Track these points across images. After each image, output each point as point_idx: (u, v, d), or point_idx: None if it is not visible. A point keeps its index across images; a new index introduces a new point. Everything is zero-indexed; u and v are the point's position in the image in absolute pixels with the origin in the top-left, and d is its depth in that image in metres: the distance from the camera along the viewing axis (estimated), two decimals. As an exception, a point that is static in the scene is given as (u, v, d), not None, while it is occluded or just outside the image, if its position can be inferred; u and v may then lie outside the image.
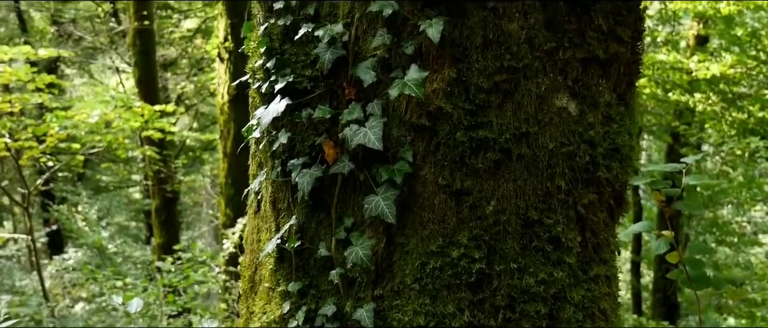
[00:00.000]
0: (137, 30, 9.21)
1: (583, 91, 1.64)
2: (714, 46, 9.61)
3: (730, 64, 8.39)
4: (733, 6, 7.67)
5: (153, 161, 8.80)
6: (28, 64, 8.65)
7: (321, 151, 1.66)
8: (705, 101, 8.99)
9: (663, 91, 9.29)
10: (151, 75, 9.56)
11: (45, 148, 7.95)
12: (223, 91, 7.69)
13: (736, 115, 9.03)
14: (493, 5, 1.54)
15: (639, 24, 1.73)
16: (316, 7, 1.64)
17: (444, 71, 1.57)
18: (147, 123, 8.17)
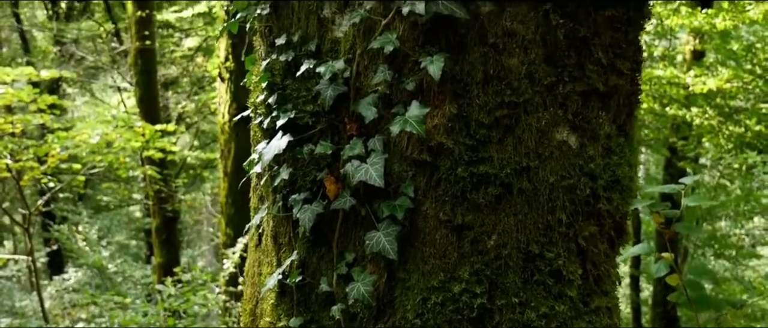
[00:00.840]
0: (139, 50, 9.26)
1: (583, 124, 1.65)
2: (710, 60, 9.65)
3: (727, 78, 8.43)
4: (728, 21, 7.70)
5: (154, 181, 8.80)
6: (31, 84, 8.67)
7: (322, 187, 1.67)
8: (702, 115, 9.02)
9: (660, 106, 9.32)
10: (152, 94, 9.59)
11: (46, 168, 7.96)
12: (223, 111, 7.71)
13: (733, 129, 9.05)
14: (494, 41, 1.56)
15: (637, 55, 1.75)
16: (317, 44, 1.66)
17: (445, 107, 1.58)
18: (148, 143, 8.19)
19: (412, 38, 1.57)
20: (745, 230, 11.12)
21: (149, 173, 8.57)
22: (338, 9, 1.63)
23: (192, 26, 11.91)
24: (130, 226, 13.00)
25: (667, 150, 10.14)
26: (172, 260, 9.21)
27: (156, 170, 8.60)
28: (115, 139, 8.00)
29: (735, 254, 10.24)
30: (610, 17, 1.63)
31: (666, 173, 10.57)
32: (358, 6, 1.59)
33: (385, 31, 1.56)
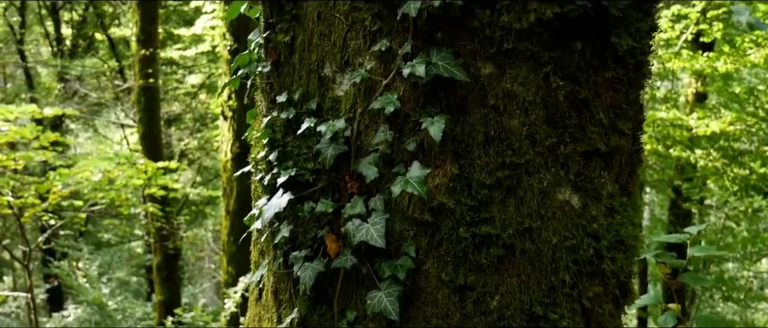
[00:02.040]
0: (142, 87, 9.33)
1: (585, 185, 1.64)
2: (713, 102, 9.68)
3: (730, 121, 8.44)
4: (730, 65, 7.74)
5: (155, 218, 8.79)
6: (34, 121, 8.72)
7: (323, 244, 1.65)
8: (706, 157, 9.02)
9: (664, 147, 9.32)
10: (154, 131, 9.64)
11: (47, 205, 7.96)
12: (226, 149, 7.73)
13: (738, 171, 9.04)
14: (494, 102, 1.56)
15: (638, 115, 1.74)
16: (318, 102, 1.66)
17: (446, 167, 1.57)
18: (150, 180, 8.20)
19: (412, 99, 1.57)
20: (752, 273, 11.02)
21: (151, 211, 8.56)
22: (339, 68, 1.63)
23: (195, 63, 12.03)
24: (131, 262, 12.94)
25: (672, 191, 10.11)
26: (173, 297, 9.14)
27: (158, 207, 8.60)
28: (117, 177, 8.01)
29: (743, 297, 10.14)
30: (611, 78, 1.63)
31: (671, 214, 10.52)
32: (359, 66, 1.60)
33: (386, 92, 1.56)
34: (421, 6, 1.49)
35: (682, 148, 9.07)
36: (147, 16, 9.14)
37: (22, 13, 11.97)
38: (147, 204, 8.63)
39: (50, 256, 11.42)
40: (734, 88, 9.21)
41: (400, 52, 1.54)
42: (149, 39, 9.22)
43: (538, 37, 1.54)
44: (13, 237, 10.48)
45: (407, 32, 1.55)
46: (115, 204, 8.49)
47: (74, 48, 12.25)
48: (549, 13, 1.52)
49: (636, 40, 1.65)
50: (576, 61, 1.59)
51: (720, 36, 8.42)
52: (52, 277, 11.02)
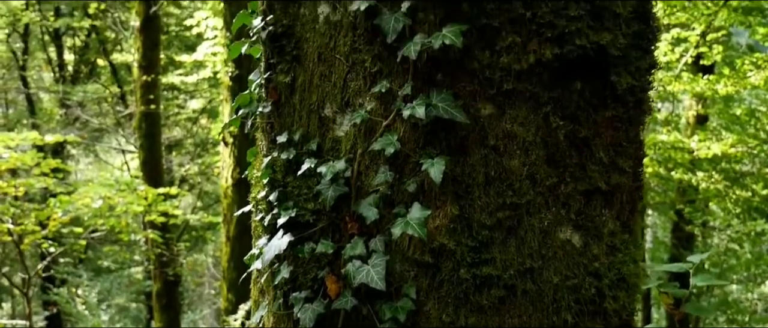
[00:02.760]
0: (143, 113, 9.37)
1: (586, 223, 1.63)
2: (714, 125, 9.70)
3: (731, 143, 8.44)
4: (730, 87, 7.76)
5: (155, 245, 8.77)
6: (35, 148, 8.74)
7: (323, 286, 1.64)
8: (708, 180, 9.01)
9: (665, 170, 9.31)
10: (155, 157, 9.65)
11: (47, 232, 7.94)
12: (226, 175, 7.73)
13: (740, 193, 9.02)
14: (494, 143, 1.56)
15: (639, 152, 1.74)
16: (318, 142, 1.66)
17: (446, 208, 1.57)
18: (150, 207, 8.19)
19: (412, 140, 1.57)
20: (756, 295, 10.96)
21: (151, 237, 8.54)
22: (339, 109, 1.63)
23: (197, 88, 12.09)
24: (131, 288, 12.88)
25: (675, 214, 10.09)
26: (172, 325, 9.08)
27: (158, 233, 8.58)
28: (118, 203, 8.00)
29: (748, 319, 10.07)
30: (611, 117, 1.63)
31: (674, 237, 10.49)
32: (359, 107, 1.60)
33: (386, 133, 1.56)
34: (420, 48, 1.49)
35: (683, 171, 9.06)
36: (149, 42, 9.20)
37: (26, 40, 12.06)
38: (147, 230, 8.62)
39: (49, 283, 11.37)
40: (735, 110, 9.23)
41: (400, 94, 1.55)
42: (151, 65, 9.27)
43: (537, 77, 1.55)
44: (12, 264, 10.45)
45: (407, 74, 1.55)
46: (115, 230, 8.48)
47: (76, 74, 12.31)
48: (548, 54, 1.52)
49: (635, 79, 1.65)
50: (576, 100, 1.59)
51: (720, 59, 8.46)
52: (52, 304, 10.97)
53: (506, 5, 1.51)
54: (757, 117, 8.87)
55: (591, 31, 1.55)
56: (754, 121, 8.86)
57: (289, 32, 1.68)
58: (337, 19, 1.61)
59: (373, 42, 1.57)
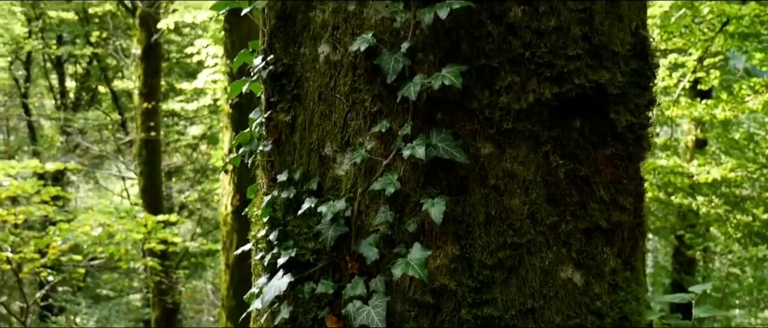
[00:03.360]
0: (144, 141, 9.38)
1: (587, 262, 1.63)
2: (713, 149, 9.71)
3: (731, 168, 8.44)
4: (728, 112, 7.78)
5: (154, 272, 8.72)
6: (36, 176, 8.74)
7: (324, 326, 1.63)
8: (708, 204, 8.99)
9: (665, 194, 9.30)
10: (155, 184, 9.64)
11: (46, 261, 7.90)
12: (226, 203, 7.71)
13: (741, 217, 9.00)
14: (495, 182, 1.56)
15: (639, 188, 1.74)
16: (318, 182, 1.66)
17: (447, 248, 1.56)
18: (149, 234, 8.16)
19: (413, 179, 1.57)
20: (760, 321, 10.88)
21: (150, 265, 8.50)
22: (339, 148, 1.63)
23: (197, 115, 12.12)
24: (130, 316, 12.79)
25: (675, 238, 10.06)
26: (171, 353, 9.00)
27: (157, 261, 8.54)
28: (117, 231, 7.97)
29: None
30: (611, 154, 1.63)
31: (675, 261, 10.44)
32: (359, 146, 1.60)
33: (386, 172, 1.56)
34: (420, 89, 1.50)
35: (683, 196, 9.05)
36: (150, 69, 9.24)
37: (28, 67, 12.13)
38: (146, 258, 8.58)
39: (48, 311, 11.30)
40: (734, 134, 9.24)
41: (400, 133, 1.55)
42: (152, 92, 9.30)
43: (537, 116, 1.55)
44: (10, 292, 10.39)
45: (407, 113, 1.55)
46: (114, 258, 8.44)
47: (78, 101, 12.36)
48: (547, 93, 1.53)
49: (635, 116, 1.65)
50: (575, 138, 1.59)
51: (717, 83, 8.49)
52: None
53: (505, 45, 1.52)
54: (756, 141, 8.88)
55: (590, 70, 1.56)
56: (753, 146, 8.86)
57: (290, 71, 1.69)
58: (337, 59, 1.62)
59: (373, 82, 1.58)
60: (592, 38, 1.56)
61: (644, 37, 1.68)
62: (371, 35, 1.55)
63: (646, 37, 1.69)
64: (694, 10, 6.58)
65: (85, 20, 11.50)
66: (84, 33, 11.38)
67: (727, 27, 6.97)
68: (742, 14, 6.37)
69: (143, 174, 9.54)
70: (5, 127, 12.57)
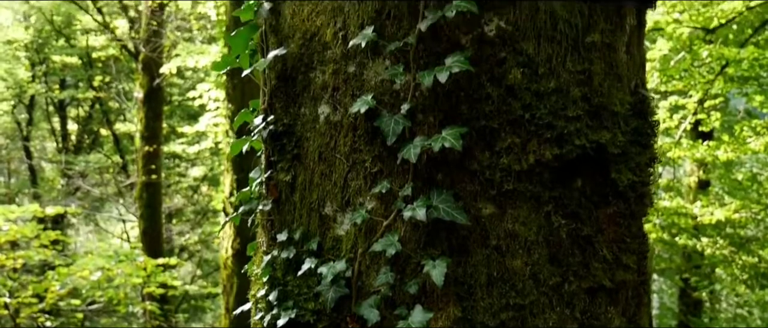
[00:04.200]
0: (144, 183, 9.39)
1: (591, 322, 1.60)
2: (716, 190, 9.69)
3: (735, 209, 8.41)
4: (730, 153, 7.78)
5: (153, 316, 8.63)
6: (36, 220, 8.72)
7: (324, 389, 1.60)
8: (713, 245, 8.94)
9: (670, 235, 9.25)
10: (156, 227, 9.61)
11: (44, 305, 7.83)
12: (227, 246, 7.67)
13: (747, 259, 8.93)
14: (496, 243, 1.54)
15: (643, 246, 1.72)
16: (319, 242, 1.64)
17: (449, 309, 1.54)
18: (149, 278, 8.10)
19: (414, 240, 1.55)
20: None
21: (149, 309, 8.42)
22: (340, 208, 1.62)
23: (198, 156, 12.15)
24: (128, 360, 12.62)
25: (681, 280, 9.97)
26: (169, 399, 8.84)
27: (156, 305, 8.46)
28: (116, 275, 7.92)
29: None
30: (613, 214, 1.62)
31: (681, 303, 10.33)
32: (360, 206, 1.59)
33: (387, 233, 1.55)
34: (420, 151, 1.49)
35: (688, 237, 9.00)
36: (152, 113, 9.30)
37: (31, 111, 12.21)
38: (145, 302, 8.50)
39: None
40: (737, 175, 9.23)
41: (401, 194, 1.54)
42: (153, 136, 9.34)
43: (538, 177, 1.54)
44: (8, 337, 10.26)
45: (407, 174, 1.55)
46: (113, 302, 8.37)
47: (79, 144, 12.41)
48: (548, 154, 1.52)
49: (636, 174, 1.65)
50: (577, 198, 1.58)
51: (718, 125, 8.52)
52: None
53: (505, 107, 1.52)
54: (759, 182, 8.86)
55: (590, 130, 1.56)
56: (757, 186, 8.85)
57: (290, 131, 1.69)
58: (338, 120, 1.62)
59: (373, 142, 1.57)
60: (592, 99, 1.56)
61: (644, 95, 1.69)
62: (371, 97, 1.55)
63: (646, 95, 1.70)
64: (693, 53, 6.64)
65: (88, 64, 11.62)
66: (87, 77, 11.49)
67: (727, 69, 7.03)
68: (740, 58, 6.43)
69: (144, 217, 9.52)
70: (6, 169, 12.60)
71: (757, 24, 7.45)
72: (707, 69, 6.92)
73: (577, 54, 1.57)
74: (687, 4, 7.11)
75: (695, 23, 6.81)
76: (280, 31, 1.73)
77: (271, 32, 1.76)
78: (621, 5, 1.66)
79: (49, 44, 11.74)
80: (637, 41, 1.73)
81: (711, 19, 6.83)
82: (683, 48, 6.99)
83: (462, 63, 1.47)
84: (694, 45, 6.79)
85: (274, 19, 1.75)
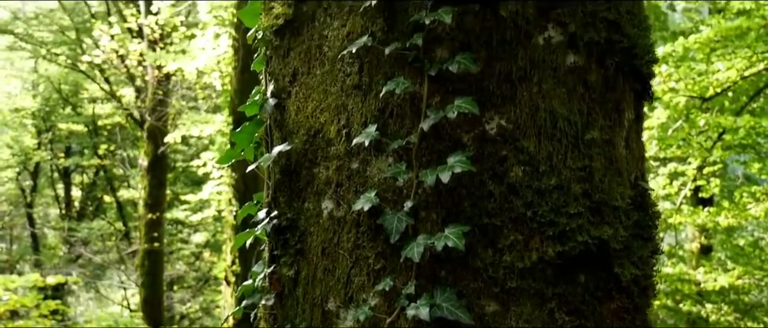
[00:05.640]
0: (146, 251, 9.35)
1: None
2: (719, 255, 9.63)
3: (738, 275, 8.35)
4: (731, 219, 7.78)
5: (152, 388, 8.46)
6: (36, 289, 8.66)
7: None
8: (717, 312, 8.83)
9: (674, 302, 9.15)
10: (156, 295, 9.52)
11: (41, 379, 7.70)
12: (228, 315, 7.59)
13: (751, 325, 8.81)
14: (501, 341, 1.53)
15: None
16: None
17: None
18: (149, 349, 7.98)
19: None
20: None
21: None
22: (343, 303, 1.62)
23: (201, 222, 12.13)
24: None
25: (686, 349, 9.79)
26: None
27: (156, 376, 8.30)
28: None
29: None
30: (616, 309, 1.61)
31: (687, 372, 10.10)
32: (363, 302, 1.59)
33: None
34: (423, 249, 1.50)
35: (692, 303, 8.90)
36: (155, 181, 9.35)
37: (35, 177, 12.27)
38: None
39: None
40: (738, 240, 9.19)
41: (404, 292, 1.54)
42: (157, 203, 9.36)
43: (541, 274, 1.55)
44: None
45: (411, 271, 1.55)
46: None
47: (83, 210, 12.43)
48: (551, 252, 1.53)
49: (639, 268, 1.65)
50: (580, 294, 1.58)
51: (718, 191, 8.54)
52: None
53: (507, 205, 1.54)
54: (761, 248, 8.82)
55: (592, 226, 1.57)
56: (758, 252, 8.80)
57: (294, 226, 1.71)
58: (341, 216, 1.64)
59: (377, 239, 1.59)
60: (593, 195, 1.58)
61: (644, 188, 1.71)
62: (374, 194, 1.58)
63: (646, 188, 1.72)
64: (691, 122, 6.71)
65: (94, 132, 11.75)
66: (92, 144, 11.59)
67: (724, 137, 7.10)
68: (737, 126, 6.50)
69: (145, 285, 9.45)
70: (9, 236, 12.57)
71: (752, 92, 7.56)
72: (705, 137, 6.99)
73: (577, 151, 1.60)
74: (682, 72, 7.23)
75: (691, 92, 6.91)
76: (285, 127, 1.77)
77: (276, 127, 1.79)
78: (619, 101, 1.71)
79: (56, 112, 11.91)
80: (636, 135, 1.77)
81: (707, 88, 6.93)
82: (680, 116, 7.08)
83: (464, 164, 1.49)
84: (691, 113, 6.88)
85: (278, 115, 1.79)
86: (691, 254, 9.83)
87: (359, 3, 1.66)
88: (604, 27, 1.66)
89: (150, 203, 9.25)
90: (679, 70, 7.07)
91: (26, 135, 11.19)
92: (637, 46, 1.72)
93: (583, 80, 1.64)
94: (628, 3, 1.73)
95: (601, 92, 1.65)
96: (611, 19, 1.67)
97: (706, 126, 6.75)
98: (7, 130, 11.68)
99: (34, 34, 11.94)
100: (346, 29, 1.69)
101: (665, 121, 7.11)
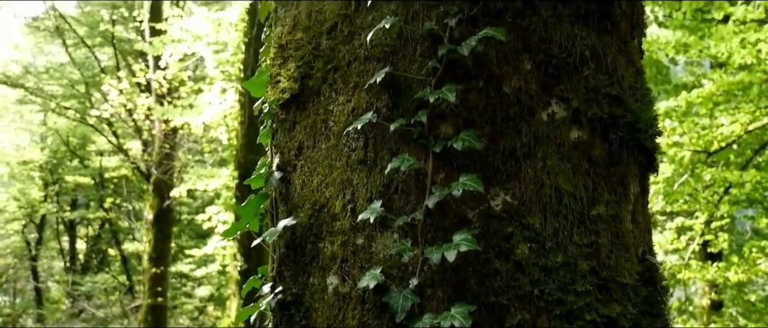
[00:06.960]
0: (150, 306, 9.27)
1: None
2: (730, 311, 9.47)
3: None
4: (741, 274, 7.68)
5: None
6: (37, 345, 8.55)
7: None
8: (732, 369, 8.63)
9: (687, 359, 8.96)
10: (159, 351, 9.39)
11: None
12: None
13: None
14: None
15: None
16: None
17: None
18: None
19: None
20: None
21: None
22: (348, 382, 1.59)
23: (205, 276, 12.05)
24: None
25: None
26: None
27: None
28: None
29: None
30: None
31: None
32: (369, 382, 1.56)
33: None
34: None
35: (705, 360, 8.71)
36: (160, 235, 9.33)
37: (41, 230, 12.28)
38: None
39: None
40: (749, 295, 9.06)
41: (410, 372, 1.52)
42: (161, 257, 9.32)
43: (548, 353, 1.52)
44: None
45: (416, 350, 1.53)
46: None
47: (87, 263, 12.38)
48: (558, 331, 1.51)
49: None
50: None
51: (727, 245, 8.46)
52: None
53: (513, 283, 1.53)
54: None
55: (600, 304, 1.55)
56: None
57: (299, 301, 1.69)
58: (346, 292, 1.63)
59: (382, 317, 1.57)
60: (600, 272, 1.56)
61: (652, 263, 1.69)
62: (380, 271, 1.56)
63: (654, 262, 1.70)
64: (696, 177, 6.70)
65: (100, 185, 11.81)
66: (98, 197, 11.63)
67: (731, 191, 7.07)
68: (743, 181, 6.47)
69: (148, 341, 9.33)
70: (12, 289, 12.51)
71: (756, 146, 7.56)
72: (711, 192, 6.96)
73: (583, 227, 1.59)
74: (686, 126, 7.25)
75: (696, 146, 6.92)
76: (290, 200, 1.77)
77: (281, 201, 1.80)
78: (624, 175, 1.70)
79: (64, 164, 11.99)
80: (642, 208, 1.76)
81: (711, 142, 6.94)
82: (686, 170, 7.07)
83: (469, 242, 1.49)
84: (697, 168, 6.87)
85: (284, 188, 1.79)
86: (701, 309, 9.67)
87: (364, 79, 1.68)
88: (607, 102, 1.68)
89: (154, 256, 9.21)
90: (683, 125, 7.09)
91: (33, 187, 11.25)
92: (641, 119, 1.73)
93: (588, 155, 1.64)
94: (630, 78, 1.75)
95: (605, 167, 1.65)
96: (614, 94, 1.69)
97: (712, 180, 6.73)
98: (15, 183, 11.73)
99: (44, 88, 12.13)
100: (351, 104, 1.70)
101: (671, 176, 7.10)
